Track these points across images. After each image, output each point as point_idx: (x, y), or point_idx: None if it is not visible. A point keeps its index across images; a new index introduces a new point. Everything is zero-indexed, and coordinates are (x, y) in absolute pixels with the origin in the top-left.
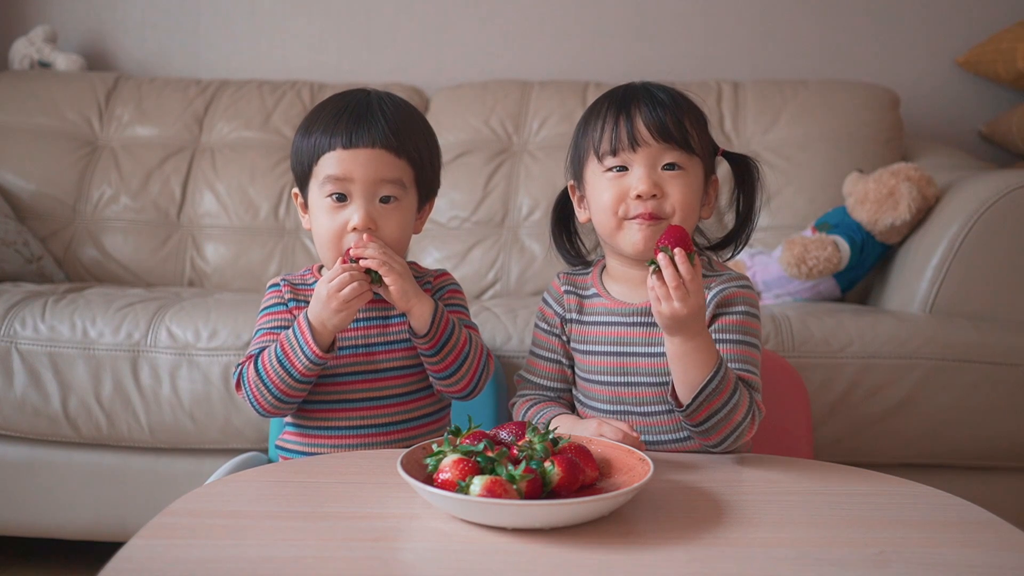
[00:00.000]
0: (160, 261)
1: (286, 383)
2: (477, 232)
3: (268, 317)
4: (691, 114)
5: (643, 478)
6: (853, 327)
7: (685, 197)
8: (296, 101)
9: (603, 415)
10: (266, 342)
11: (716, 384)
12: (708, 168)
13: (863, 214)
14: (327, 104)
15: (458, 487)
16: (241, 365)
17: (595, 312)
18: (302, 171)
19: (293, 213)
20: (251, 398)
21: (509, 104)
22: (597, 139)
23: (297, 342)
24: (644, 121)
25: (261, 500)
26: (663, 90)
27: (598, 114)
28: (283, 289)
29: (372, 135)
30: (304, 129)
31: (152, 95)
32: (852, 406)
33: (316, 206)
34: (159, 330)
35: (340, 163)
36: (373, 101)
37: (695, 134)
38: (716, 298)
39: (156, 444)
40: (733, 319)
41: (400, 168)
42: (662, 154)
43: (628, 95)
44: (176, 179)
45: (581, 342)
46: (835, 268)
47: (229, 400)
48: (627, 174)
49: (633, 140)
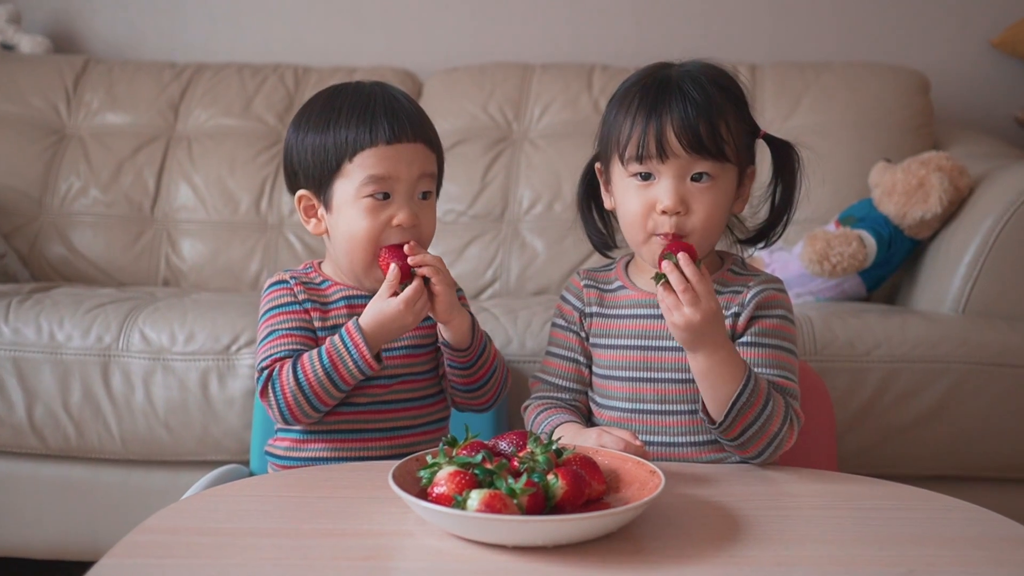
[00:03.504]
0: (133, 258)
1: (329, 393)
2: (474, 227)
3: (282, 316)
4: (729, 110)
5: (653, 492)
6: (880, 329)
7: (711, 214)
8: (279, 86)
9: (621, 414)
10: (287, 345)
11: (747, 396)
12: (745, 162)
13: (891, 207)
14: (337, 96)
15: (454, 502)
16: (267, 370)
17: (619, 304)
18: (324, 170)
19: (276, 207)
20: (283, 406)
21: (508, 89)
22: (623, 140)
23: (348, 352)
24: (676, 130)
25: (242, 516)
26: (699, 84)
27: (627, 108)
28: (294, 287)
29: (413, 127)
30: (318, 123)
31: (124, 79)
32: (879, 414)
33: (350, 206)
34: (132, 333)
35: (384, 160)
36: (391, 90)
37: (732, 137)
38: (754, 299)
39: (128, 456)
40: (771, 323)
41: (433, 161)
42: (692, 164)
43: (661, 92)
44: (150, 170)
45: (602, 336)
46: (860, 265)
47: (207, 409)
48: (653, 183)
49: (662, 151)
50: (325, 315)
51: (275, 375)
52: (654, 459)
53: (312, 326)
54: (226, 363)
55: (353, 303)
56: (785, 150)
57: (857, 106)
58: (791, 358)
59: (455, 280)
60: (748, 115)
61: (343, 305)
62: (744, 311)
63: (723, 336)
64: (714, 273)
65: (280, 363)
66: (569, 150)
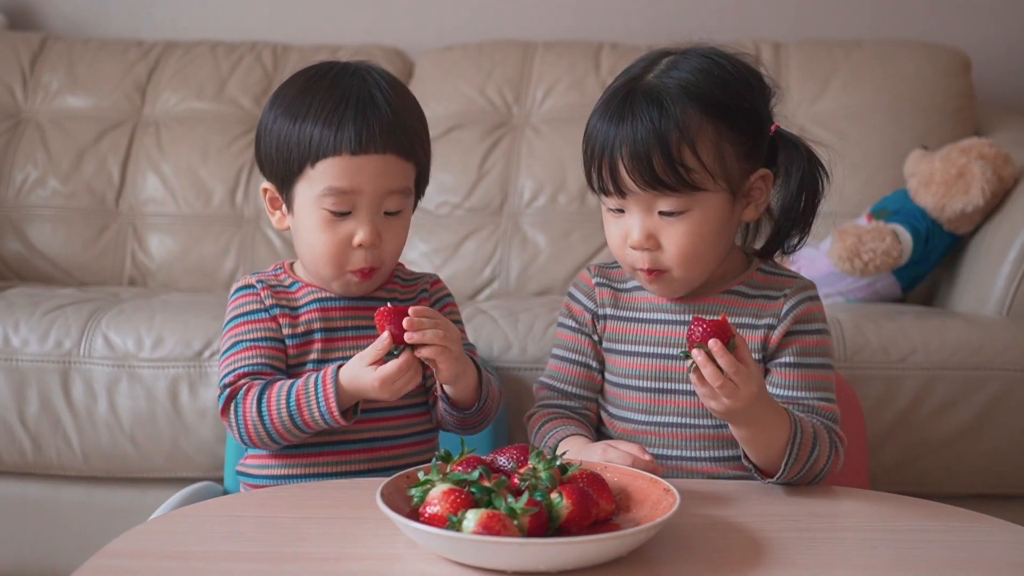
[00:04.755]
0: (95, 256)
1: (292, 433)
2: (471, 221)
3: (248, 326)
4: (707, 127)
5: (667, 512)
6: (916, 333)
7: (683, 248)
8: (256, 66)
9: (635, 426)
10: (251, 358)
11: (795, 456)
12: (741, 175)
13: (928, 198)
14: (314, 82)
15: (449, 523)
16: (231, 388)
17: (636, 307)
18: (286, 168)
19: (253, 199)
20: (243, 432)
21: (508, 69)
22: (588, 171)
23: (316, 402)
24: (627, 167)
25: (215, 539)
26: (660, 102)
27: (592, 129)
28: (261, 292)
29: (383, 137)
30: (288, 112)
31: (86, 59)
32: (915, 426)
33: (307, 215)
34: (94, 338)
35: (346, 173)
36: (372, 85)
37: (711, 159)
38: (792, 312)
39: (91, 472)
40: (812, 340)
41: (407, 174)
42: (654, 200)
43: (619, 114)
44: (114, 158)
45: (617, 341)
46: (895, 263)
47: (177, 420)
48: (625, 214)
49: (619, 188)
50: (295, 320)
51: (239, 398)
52: (666, 475)
53: (280, 334)
54: (198, 370)
55: (326, 306)
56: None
57: (891, 88)
58: (830, 375)
59: (449, 275)
60: (757, 116)
61: (315, 308)
62: (780, 324)
63: (765, 408)
64: (740, 275)
65: (247, 384)
66: (574, 136)
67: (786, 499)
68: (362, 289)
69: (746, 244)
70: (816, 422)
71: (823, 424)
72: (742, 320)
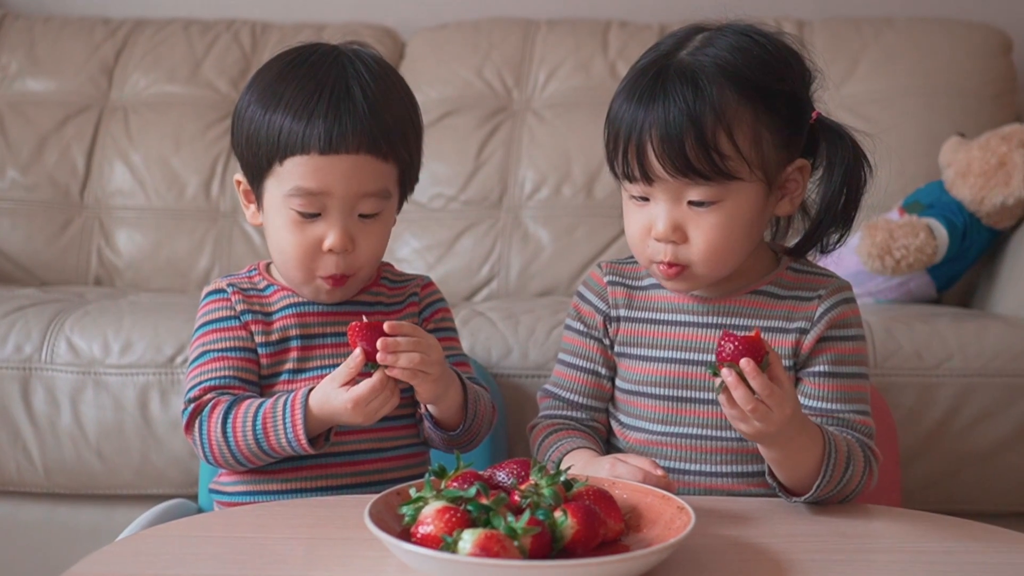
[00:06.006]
0: (59, 253)
1: (258, 457)
2: (467, 215)
3: (216, 334)
4: (745, 111)
5: (681, 532)
6: (952, 337)
7: (712, 242)
8: (233, 46)
9: (650, 437)
10: (219, 370)
11: (827, 478)
12: (778, 165)
13: (965, 190)
14: (291, 68)
15: (443, 544)
16: (196, 403)
17: (653, 307)
18: (256, 162)
19: (229, 190)
20: (207, 452)
21: (508, 49)
22: (610, 154)
23: (284, 427)
24: (656, 151)
25: (188, 561)
26: (695, 81)
27: (617, 111)
28: (231, 297)
29: (357, 136)
30: (261, 99)
31: (47, 38)
32: (951, 438)
33: (276, 214)
34: (57, 342)
35: (315, 174)
36: (351, 75)
37: (748, 145)
38: (827, 316)
39: (53, 489)
40: (848, 347)
41: (386, 175)
42: (684, 189)
43: (649, 94)
44: (79, 147)
45: (632, 344)
46: (929, 260)
47: (147, 432)
48: (650, 203)
49: (645, 174)
50: (268, 327)
51: (204, 415)
52: (682, 491)
53: (252, 343)
54: (169, 378)
55: (302, 311)
56: (838, 138)
57: (925, 70)
58: (866, 385)
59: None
60: (797, 101)
61: (291, 314)
62: (813, 329)
63: (799, 430)
64: (768, 274)
65: (213, 400)
66: (580, 122)
67: (812, 518)
68: (334, 297)
69: (774, 239)
70: (850, 438)
71: (857, 440)
72: (771, 323)
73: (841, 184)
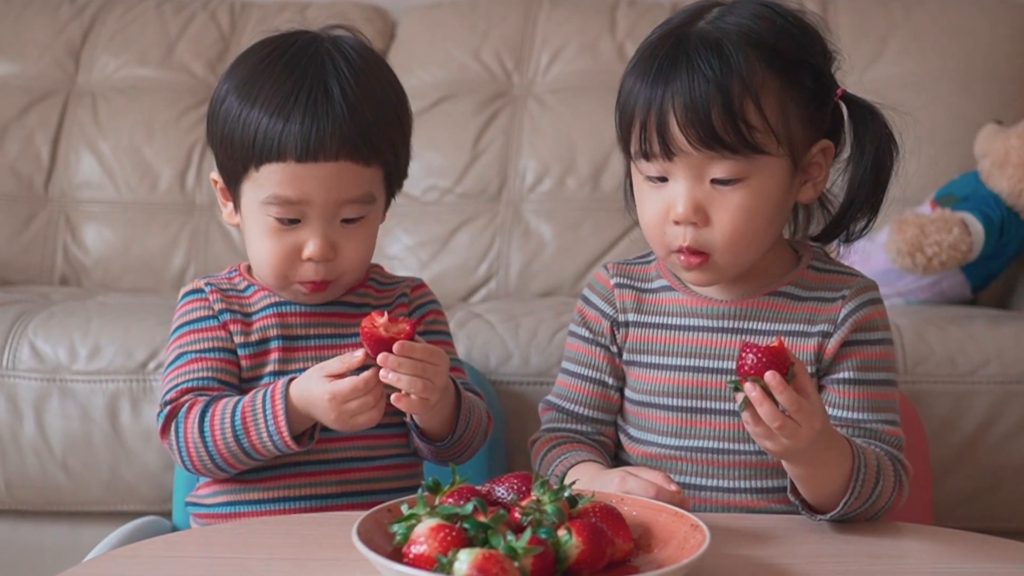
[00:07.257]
0: (21, 250)
1: (238, 459)
2: (464, 208)
3: (194, 335)
4: (772, 82)
5: (695, 552)
6: (988, 341)
7: (738, 224)
8: (210, 25)
9: (662, 451)
10: (196, 372)
11: (855, 495)
12: (805, 142)
13: (1003, 182)
14: (269, 62)
15: (438, 564)
16: (172, 405)
17: (665, 311)
18: (232, 165)
19: (206, 183)
20: (184, 457)
21: (508, 30)
22: (625, 131)
23: (265, 422)
24: (680, 121)
25: None
26: (720, 50)
27: (632, 84)
28: (209, 297)
29: (336, 141)
30: (239, 91)
31: (8, 18)
32: (987, 450)
33: (253, 219)
34: (20, 346)
35: (293, 182)
36: (330, 71)
37: (775, 118)
38: (851, 319)
39: (15, 505)
40: (875, 352)
41: (369, 179)
42: (708, 164)
43: (669, 64)
44: (43, 135)
45: (641, 351)
46: (964, 258)
47: (117, 444)
48: (668, 184)
49: (666, 148)
50: (248, 327)
51: (180, 416)
52: (696, 508)
53: (231, 344)
54: (141, 385)
55: (283, 311)
56: (868, 115)
57: (959, 52)
58: (894, 392)
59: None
60: (822, 76)
61: (271, 314)
62: (837, 332)
63: (827, 444)
64: (788, 274)
65: (190, 401)
66: (586, 109)
67: (837, 537)
68: (313, 299)
69: (793, 236)
70: (879, 451)
71: (886, 453)
72: (792, 327)
73: (873, 163)
